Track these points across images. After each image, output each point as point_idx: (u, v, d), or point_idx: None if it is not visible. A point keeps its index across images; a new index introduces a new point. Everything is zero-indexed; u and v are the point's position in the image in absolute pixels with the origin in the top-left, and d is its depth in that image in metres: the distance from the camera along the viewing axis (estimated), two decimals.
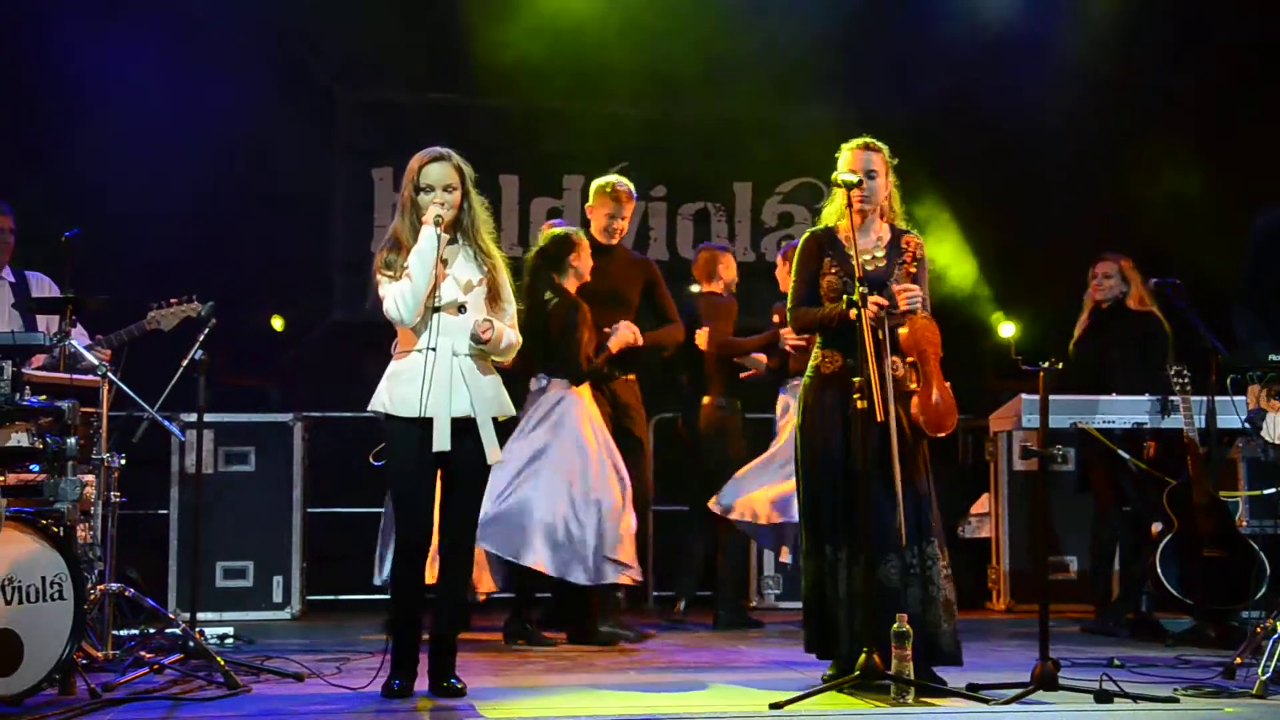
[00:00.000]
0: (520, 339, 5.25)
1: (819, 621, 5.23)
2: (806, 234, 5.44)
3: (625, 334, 6.78)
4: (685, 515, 7.81)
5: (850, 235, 5.28)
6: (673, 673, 5.75)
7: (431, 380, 4.97)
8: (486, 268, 5.14)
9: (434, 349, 5.02)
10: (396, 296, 5.00)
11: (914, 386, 5.23)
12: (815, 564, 5.24)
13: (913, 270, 5.28)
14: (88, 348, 6.02)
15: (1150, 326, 7.14)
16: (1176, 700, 4.88)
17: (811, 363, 5.35)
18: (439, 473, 5.09)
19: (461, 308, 5.07)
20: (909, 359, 5.23)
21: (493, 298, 5.15)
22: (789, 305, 5.42)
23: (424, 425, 4.99)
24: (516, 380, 6.30)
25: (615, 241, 7.08)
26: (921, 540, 5.14)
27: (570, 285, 6.70)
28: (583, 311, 6.64)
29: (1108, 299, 7.21)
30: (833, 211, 5.38)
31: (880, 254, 5.31)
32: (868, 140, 5.37)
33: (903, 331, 5.19)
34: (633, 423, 6.99)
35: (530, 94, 9.24)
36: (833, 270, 5.29)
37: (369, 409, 5.13)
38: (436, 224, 5.00)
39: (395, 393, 5.06)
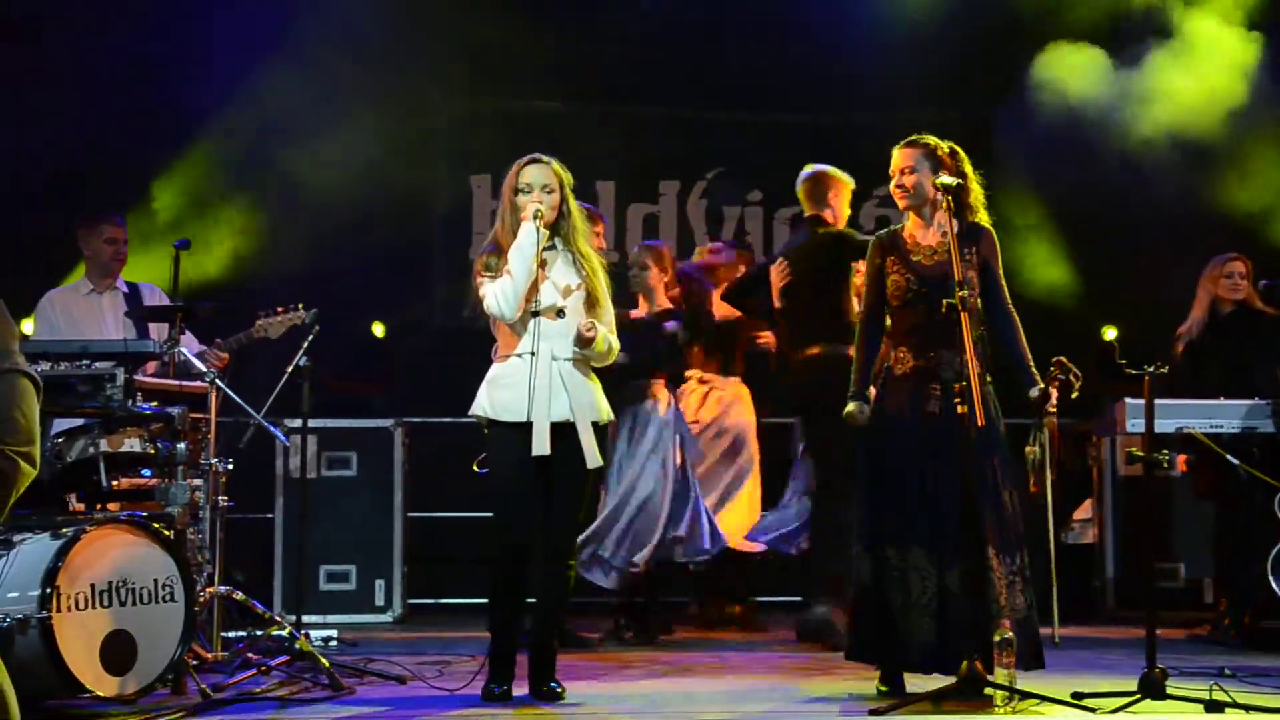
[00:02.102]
0: (618, 345, 5.27)
1: (875, 627, 5.13)
2: (873, 239, 5.43)
3: None
4: None
5: (912, 235, 5.28)
6: (768, 677, 5.73)
7: (534, 386, 5.01)
8: (585, 272, 5.17)
9: (534, 353, 5.06)
10: (497, 293, 5.03)
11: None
12: (874, 569, 5.14)
13: (968, 271, 5.16)
14: (199, 354, 6.18)
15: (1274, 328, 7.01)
16: None
17: (884, 361, 5.31)
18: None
19: (560, 312, 5.10)
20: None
21: (591, 303, 5.17)
22: (860, 309, 5.44)
23: (525, 430, 5.02)
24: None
25: None
26: (987, 549, 5.01)
27: None
28: None
29: (1237, 300, 7.08)
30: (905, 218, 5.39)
31: (943, 250, 5.20)
32: (913, 138, 5.32)
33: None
34: None
35: (626, 100, 9.28)
36: (895, 269, 5.25)
37: (470, 414, 5.17)
38: (535, 219, 5.05)
39: (495, 398, 5.10)
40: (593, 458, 5.11)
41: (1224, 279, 7.12)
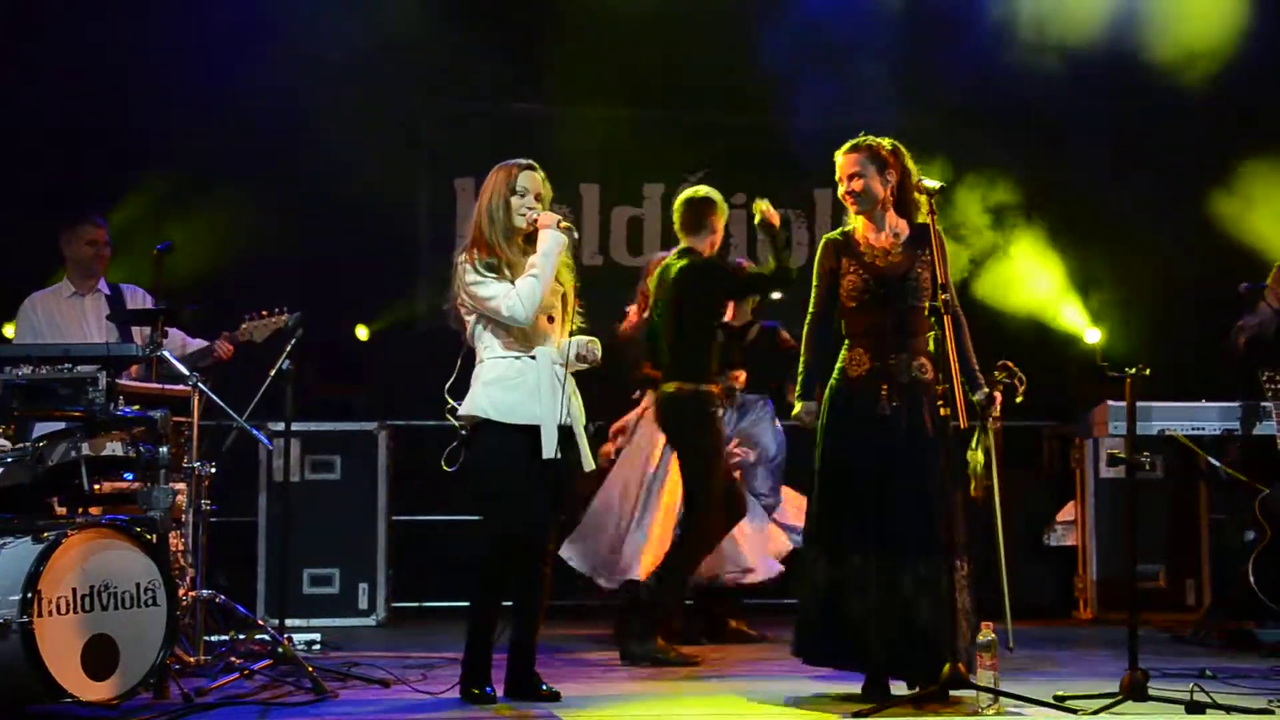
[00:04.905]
0: None
1: (834, 632, 5.11)
2: (823, 241, 5.38)
3: None
4: None
5: (864, 236, 5.26)
6: (751, 680, 5.74)
7: (536, 388, 5.04)
8: (562, 280, 5.20)
9: (534, 357, 5.08)
10: (523, 295, 5.00)
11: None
12: (831, 574, 5.11)
13: (921, 271, 5.16)
14: (203, 350, 6.23)
15: None
16: (1272, 712, 4.79)
17: (838, 364, 5.25)
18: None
19: (551, 317, 5.14)
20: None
21: (565, 311, 5.22)
22: (809, 310, 5.34)
23: (528, 433, 5.03)
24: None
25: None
26: (936, 551, 5.01)
27: None
28: None
29: None
30: (850, 217, 5.35)
31: (896, 251, 5.22)
32: (854, 142, 5.30)
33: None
34: None
35: (610, 103, 9.28)
36: (852, 270, 5.22)
37: (465, 413, 5.11)
38: (560, 228, 5.07)
39: (497, 399, 5.07)
40: (589, 462, 5.16)
41: None
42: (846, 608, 5.06)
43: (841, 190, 5.29)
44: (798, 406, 5.30)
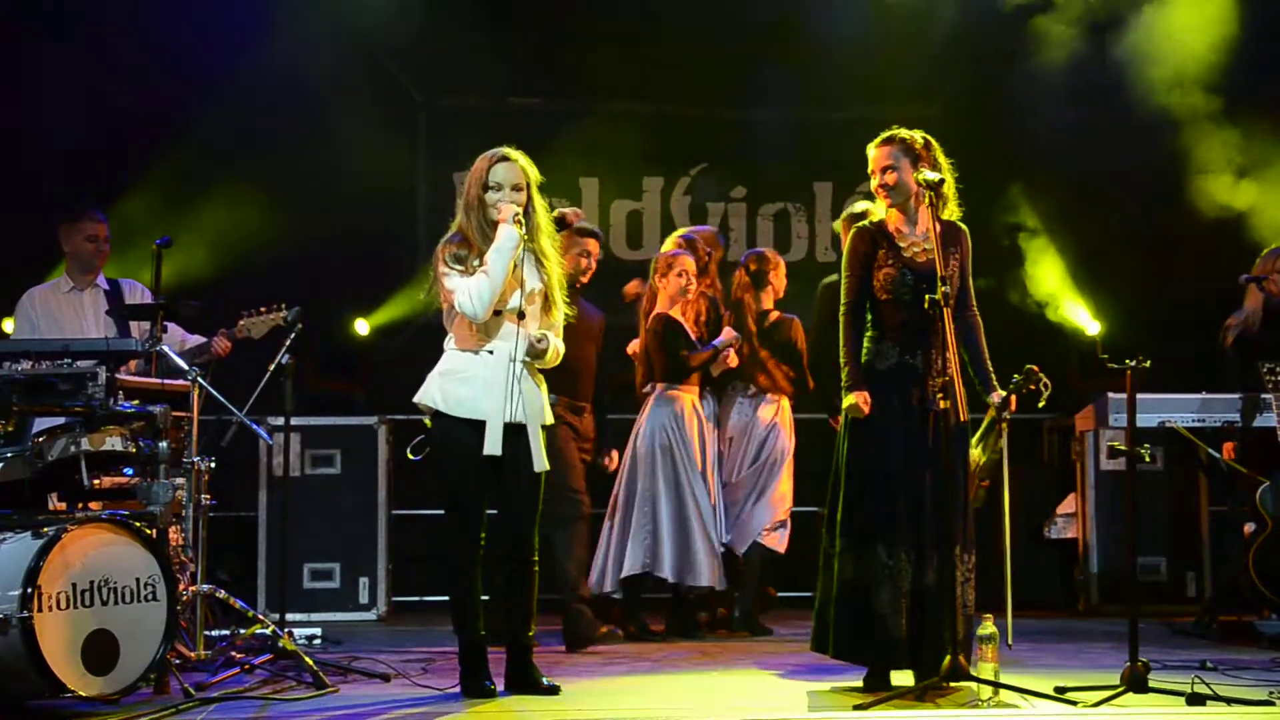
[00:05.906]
0: (564, 349, 5.25)
1: (857, 625, 5.10)
2: (854, 229, 5.33)
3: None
4: None
5: (898, 229, 5.23)
6: (752, 672, 5.74)
7: (488, 384, 5.03)
8: (545, 274, 5.17)
9: (491, 352, 5.07)
10: (472, 291, 5.00)
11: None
12: (857, 566, 5.10)
13: (954, 264, 5.18)
14: (200, 346, 6.22)
15: None
16: (1273, 703, 4.78)
17: (863, 358, 5.21)
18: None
19: (521, 314, 5.10)
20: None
21: (547, 305, 5.19)
22: (843, 300, 5.25)
23: (477, 428, 5.02)
24: None
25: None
26: (954, 545, 5.02)
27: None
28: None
29: None
30: (879, 207, 5.32)
31: (930, 246, 5.18)
32: (887, 134, 5.28)
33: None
34: None
35: (609, 96, 9.27)
36: (889, 263, 5.19)
37: (416, 400, 5.15)
38: (515, 222, 5.03)
39: (448, 390, 5.09)
40: (540, 462, 5.12)
41: (1276, 273, 7.07)
42: (876, 601, 5.07)
43: (875, 183, 5.27)
44: (851, 398, 5.12)
